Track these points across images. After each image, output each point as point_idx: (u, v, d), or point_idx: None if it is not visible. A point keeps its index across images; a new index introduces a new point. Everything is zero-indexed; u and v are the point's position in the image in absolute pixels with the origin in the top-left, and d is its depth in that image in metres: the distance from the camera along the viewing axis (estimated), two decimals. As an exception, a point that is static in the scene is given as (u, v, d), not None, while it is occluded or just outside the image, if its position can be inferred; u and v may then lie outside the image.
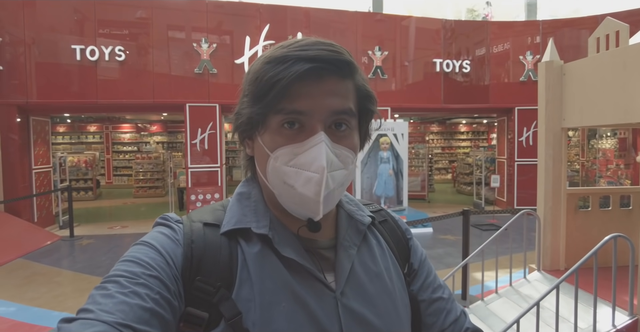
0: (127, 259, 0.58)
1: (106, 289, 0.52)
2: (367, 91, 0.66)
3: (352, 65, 0.62)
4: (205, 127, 8.26)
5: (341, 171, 0.62)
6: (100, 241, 7.32)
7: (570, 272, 2.74)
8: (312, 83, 0.59)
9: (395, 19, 9.40)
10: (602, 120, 3.41)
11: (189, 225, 0.65)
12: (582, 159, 11.43)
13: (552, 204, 3.88)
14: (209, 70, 8.18)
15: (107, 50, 7.81)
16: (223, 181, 8.64)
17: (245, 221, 0.65)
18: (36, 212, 8.08)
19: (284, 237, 0.65)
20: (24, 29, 7.56)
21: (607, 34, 3.34)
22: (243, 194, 0.70)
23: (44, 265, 5.95)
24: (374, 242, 0.73)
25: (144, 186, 13.16)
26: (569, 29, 9.42)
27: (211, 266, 0.60)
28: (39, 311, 4.34)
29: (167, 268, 0.58)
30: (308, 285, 0.62)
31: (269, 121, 0.62)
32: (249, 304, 0.59)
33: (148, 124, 15.89)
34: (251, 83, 0.63)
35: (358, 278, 0.66)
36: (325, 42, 0.61)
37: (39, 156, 8.38)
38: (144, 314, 0.51)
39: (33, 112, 8.17)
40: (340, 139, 0.62)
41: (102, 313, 0.49)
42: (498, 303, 3.65)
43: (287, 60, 0.59)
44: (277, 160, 0.61)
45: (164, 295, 0.55)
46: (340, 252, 0.67)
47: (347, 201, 0.75)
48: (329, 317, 0.61)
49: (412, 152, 12.38)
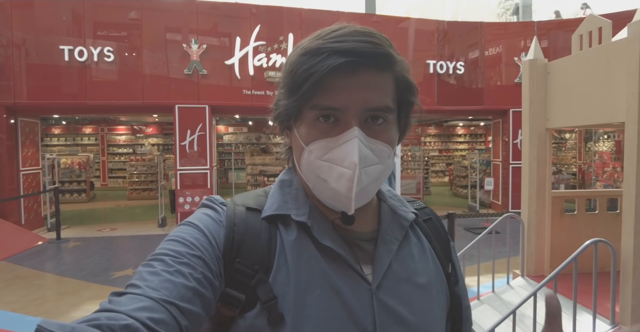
0: (172, 239, 0.59)
1: (152, 266, 0.54)
2: (407, 82, 0.65)
3: (390, 57, 0.60)
4: (195, 129, 8.18)
5: (376, 166, 0.61)
6: (88, 243, 7.23)
7: (549, 278, 2.62)
8: (347, 77, 0.58)
9: (389, 20, 9.33)
10: (586, 121, 3.30)
11: (232, 208, 0.66)
12: (579, 161, 11.32)
13: (537, 207, 3.76)
14: (199, 71, 8.11)
15: (96, 51, 7.75)
16: (213, 183, 8.55)
17: (285, 208, 0.66)
18: (24, 214, 8.01)
19: (323, 226, 0.65)
20: (12, 29, 7.51)
21: (590, 31, 3.23)
22: (285, 182, 0.71)
23: (26, 268, 5.86)
24: (415, 240, 0.72)
25: (138, 188, 13.08)
26: (564, 31, 9.32)
27: (251, 250, 0.62)
28: (13, 316, 4.24)
29: (210, 248, 0.59)
30: (344, 275, 0.62)
31: (304, 114, 0.62)
32: (284, 289, 0.60)
33: (143, 126, 15.83)
34: (287, 75, 0.63)
35: (396, 274, 0.66)
36: (364, 31, 0.59)
37: (27, 158, 8.31)
38: (187, 292, 0.52)
39: (22, 113, 8.12)
40: (377, 133, 0.61)
41: (148, 289, 0.50)
42: (479, 310, 3.53)
43: (322, 53, 0.58)
44: (311, 153, 0.62)
45: (206, 275, 0.56)
46: (381, 245, 0.67)
47: (390, 196, 0.75)
48: (363, 309, 0.61)
49: (408, 154, 12.28)
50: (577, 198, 3.89)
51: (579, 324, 2.81)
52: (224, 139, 15.48)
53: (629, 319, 2.73)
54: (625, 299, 2.81)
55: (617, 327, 2.77)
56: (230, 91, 8.34)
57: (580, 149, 11.16)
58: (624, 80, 2.84)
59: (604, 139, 9.47)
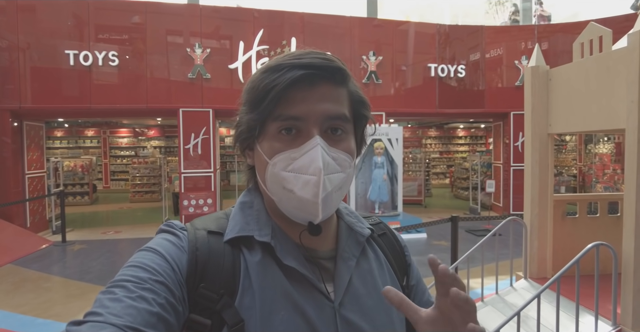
0: (133, 265, 0.58)
1: (113, 293, 0.53)
2: (360, 97, 0.68)
3: (344, 72, 0.64)
4: (199, 132, 8.25)
5: (338, 174, 0.63)
6: (93, 246, 7.28)
7: (552, 281, 2.70)
8: (306, 89, 0.61)
9: (391, 24, 9.40)
10: (587, 126, 3.38)
11: (193, 232, 0.66)
12: (579, 163, 11.39)
13: (539, 210, 3.83)
14: (203, 75, 8.18)
15: (101, 55, 7.82)
16: (217, 186, 8.61)
17: (248, 229, 0.67)
18: (29, 217, 8.06)
19: (286, 246, 0.66)
20: (17, 34, 7.58)
21: (590, 39, 3.31)
22: (245, 203, 0.72)
23: (33, 271, 5.91)
24: (372, 255, 0.74)
25: (140, 191, 13.14)
26: (564, 34, 9.41)
27: (215, 274, 0.62)
28: (24, 318, 4.30)
29: (173, 274, 0.59)
30: (308, 294, 0.63)
31: (267, 128, 0.63)
32: (250, 312, 0.60)
33: (145, 129, 15.89)
34: (248, 92, 0.65)
35: (356, 290, 0.67)
36: (319, 52, 0.64)
37: (32, 161, 8.37)
38: (151, 318, 0.52)
39: (27, 117, 8.18)
40: (337, 143, 0.64)
41: (111, 316, 0.49)
42: (483, 312, 3.60)
43: (281, 69, 0.61)
44: (275, 166, 0.63)
45: (169, 300, 0.55)
46: (340, 263, 0.68)
47: (347, 212, 0.77)
48: (326, 327, 0.62)
49: (409, 156, 12.34)
50: (578, 201, 3.97)
51: (582, 325, 2.88)
52: (225, 141, 15.55)
53: (630, 320, 2.80)
54: (627, 301, 2.88)
55: (619, 328, 2.84)
56: (234, 95, 8.33)
57: (581, 151, 11.24)
58: (624, 87, 2.92)
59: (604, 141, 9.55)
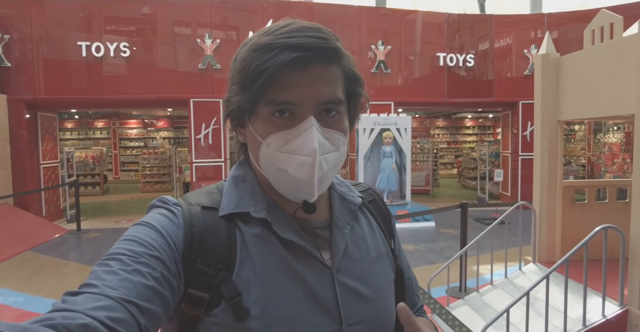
0: (129, 238, 0.58)
1: (109, 265, 0.53)
2: (354, 74, 0.67)
3: (338, 51, 0.63)
4: (209, 122, 8.35)
5: (333, 153, 0.64)
6: (107, 234, 7.46)
7: (560, 262, 2.77)
8: (299, 72, 0.60)
9: (399, 13, 9.38)
10: (597, 113, 3.42)
11: (187, 208, 0.66)
12: (588, 153, 11.35)
13: (548, 196, 3.89)
14: (213, 65, 8.25)
15: (112, 47, 7.92)
16: (227, 175, 8.72)
17: (243, 205, 0.67)
18: (44, 206, 8.26)
19: (282, 219, 0.67)
20: (31, 26, 7.69)
21: (601, 27, 3.34)
22: (238, 177, 0.72)
23: (52, 257, 6.09)
24: (364, 220, 0.77)
25: (150, 181, 13.34)
26: (574, 22, 9.33)
27: (211, 249, 0.62)
28: (46, 301, 4.46)
29: (169, 250, 0.59)
30: (306, 263, 0.65)
31: (259, 110, 0.62)
32: (249, 283, 0.61)
33: (155, 120, 16.05)
34: (239, 71, 0.63)
35: (352, 256, 0.70)
36: (312, 27, 0.61)
37: (46, 151, 8.54)
38: (146, 291, 0.52)
39: (41, 108, 8.33)
40: (330, 124, 0.64)
41: (106, 288, 0.49)
42: (493, 294, 3.69)
43: (273, 49, 0.59)
44: (269, 146, 0.63)
45: (164, 275, 0.56)
46: (335, 231, 0.71)
47: (338, 182, 0.78)
48: (326, 292, 0.65)
49: (417, 146, 12.37)
50: (587, 188, 4.02)
51: (589, 305, 2.96)
52: (234, 132, 15.64)
53: (637, 300, 2.88)
54: (634, 282, 2.95)
55: (625, 308, 2.92)
56: (244, 85, 8.46)
57: (590, 140, 11.19)
58: (634, 74, 2.96)
59: (613, 131, 9.51)
